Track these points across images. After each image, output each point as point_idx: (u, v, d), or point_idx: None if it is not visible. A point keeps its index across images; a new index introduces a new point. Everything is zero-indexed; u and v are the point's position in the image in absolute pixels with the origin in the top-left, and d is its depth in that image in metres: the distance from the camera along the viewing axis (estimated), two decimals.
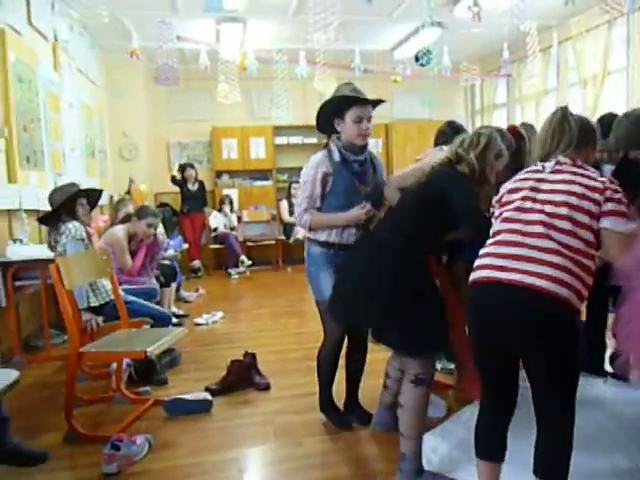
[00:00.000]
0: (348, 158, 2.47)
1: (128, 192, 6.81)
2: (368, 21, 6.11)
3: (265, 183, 8.49)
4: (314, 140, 8.23)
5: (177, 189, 7.48)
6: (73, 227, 3.25)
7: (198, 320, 4.89)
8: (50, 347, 3.93)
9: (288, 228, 7.78)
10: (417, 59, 5.79)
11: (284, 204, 7.89)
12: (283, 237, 7.89)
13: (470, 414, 2.55)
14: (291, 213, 7.74)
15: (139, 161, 7.68)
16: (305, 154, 8.72)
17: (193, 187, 7.47)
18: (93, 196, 3.65)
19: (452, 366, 3.19)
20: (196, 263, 7.43)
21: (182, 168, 7.44)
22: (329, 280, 2.45)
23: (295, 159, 8.46)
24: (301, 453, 2.46)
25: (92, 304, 3.19)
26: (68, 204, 3.36)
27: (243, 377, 3.20)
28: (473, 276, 1.77)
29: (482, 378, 1.86)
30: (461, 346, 2.92)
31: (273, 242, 8.03)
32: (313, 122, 2.57)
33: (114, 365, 3.08)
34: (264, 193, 8.44)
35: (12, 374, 1.21)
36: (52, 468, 2.37)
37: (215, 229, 7.60)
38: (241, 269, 7.40)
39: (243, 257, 7.43)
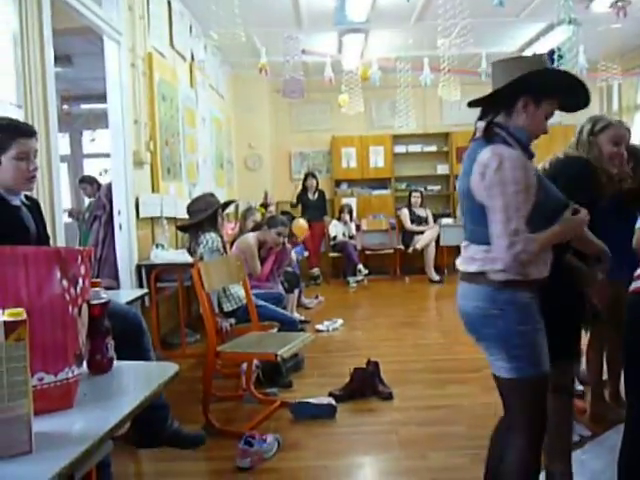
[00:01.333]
0: (533, 156, 1.66)
1: (264, 205, 7.09)
2: (495, 23, 5.91)
3: (384, 192, 8.49)
4: (433, 148, 8.13)
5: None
6: (210, 238, 3.49)
7: (319, 327, 4.98)
8: (185, 345, 4.22)
9: (407, 237, 7.71)
10: (550, 60, 5.48)
11: (405, 212, 7.82)
12: (401, 246, 7.83)
13: (608, 448, 2.29)
14: (412, 221, 7.69)
15: (263, 171, 8.05)
16: (423, 163, 8.70)
17: (313, 196, 7.67)
18: (226, 205, 3.92)
19: (581, 387, 2.95)
20: (315, 271, 7.59)
21: (305, 177, 7.67)
22: (546, 343, 1.62)
23: (413, 168, 8.43)
24: (426, 466, 2.41)
25: (226, 309, 3.39)
26: (212, 214, 3.62)
27: (366, 385, 3.21)
28: (635, 285, 1.67)
29: (630, 399, 1.70)
30: (596, 365, 2.72)
31: (391, 251, 7.99)
32: (432, 130, 2.27)
33: (244, 365, 3.24)
34: (383, 202, 8.43)
35: (172, 367, 1.31)
36: (191, 457, 2.53)
37: (334, 237, 7.73)
38: (359, 277, 7.44)
39: (360, 266, 7.47)
